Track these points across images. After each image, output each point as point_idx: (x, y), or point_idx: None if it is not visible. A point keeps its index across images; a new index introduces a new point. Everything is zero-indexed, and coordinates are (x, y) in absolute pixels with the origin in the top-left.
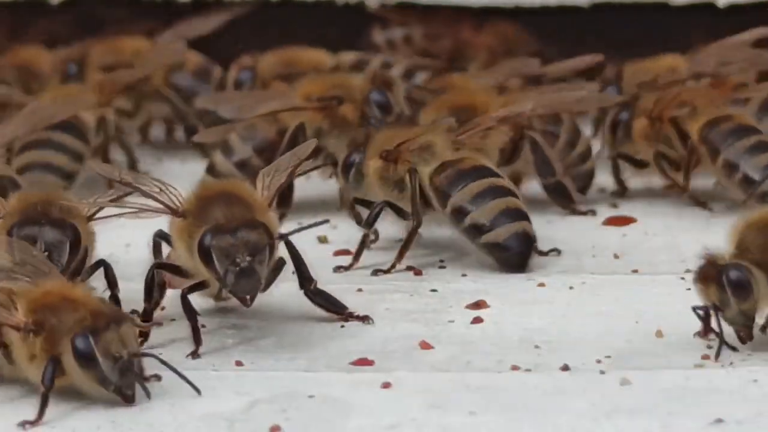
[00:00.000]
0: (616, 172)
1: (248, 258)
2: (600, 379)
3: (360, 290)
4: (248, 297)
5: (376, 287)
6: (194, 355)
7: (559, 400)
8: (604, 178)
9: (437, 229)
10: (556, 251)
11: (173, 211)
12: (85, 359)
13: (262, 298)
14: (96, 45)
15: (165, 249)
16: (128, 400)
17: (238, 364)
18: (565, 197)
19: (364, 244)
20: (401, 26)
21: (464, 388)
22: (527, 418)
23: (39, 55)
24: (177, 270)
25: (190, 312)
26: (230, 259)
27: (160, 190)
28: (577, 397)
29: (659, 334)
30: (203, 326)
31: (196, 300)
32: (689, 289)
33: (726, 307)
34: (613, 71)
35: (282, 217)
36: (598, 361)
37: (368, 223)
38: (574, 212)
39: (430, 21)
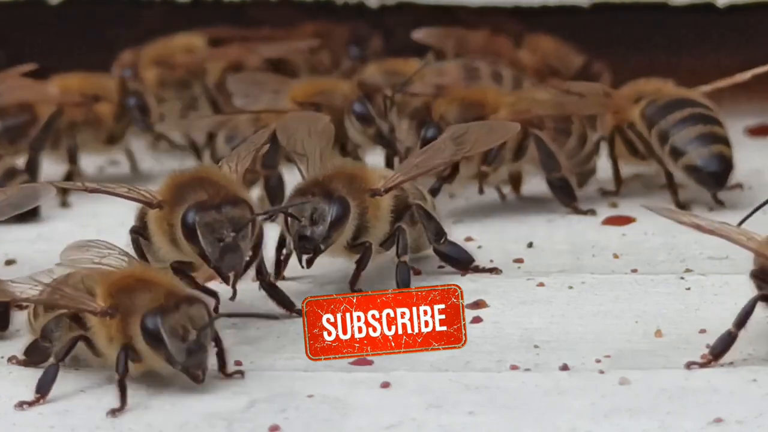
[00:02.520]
0: (615, 168)
1: (232, 233)
2: (599, 378)
3: (359, 290)
4: (231, 275)
5: (375, 287)
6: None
7: (559, 399)
8: (604, 178)
9: None
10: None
11: (148, 203)
12: (153, 338)
13: (261, 299)
14: None
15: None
16: (196, 380)
17: (238, 363)
18: (567, 194)
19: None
20: (439, 54)
21: (463, 387)
22: (526, 418)
23: None
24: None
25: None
26: (215, 235)
27: (129, 189)
28: (577, 397)
29: (659, 333)
30: None
31: None
32: (689, 288)
33: None
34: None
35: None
36: (598, 361)
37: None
38: (575, 211)
39: (468, 42)
